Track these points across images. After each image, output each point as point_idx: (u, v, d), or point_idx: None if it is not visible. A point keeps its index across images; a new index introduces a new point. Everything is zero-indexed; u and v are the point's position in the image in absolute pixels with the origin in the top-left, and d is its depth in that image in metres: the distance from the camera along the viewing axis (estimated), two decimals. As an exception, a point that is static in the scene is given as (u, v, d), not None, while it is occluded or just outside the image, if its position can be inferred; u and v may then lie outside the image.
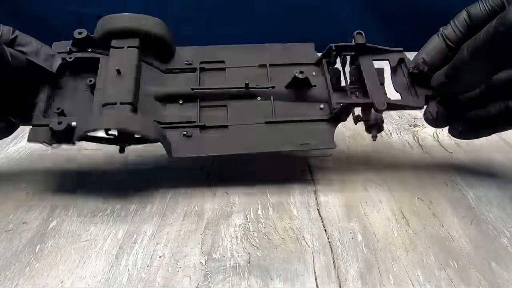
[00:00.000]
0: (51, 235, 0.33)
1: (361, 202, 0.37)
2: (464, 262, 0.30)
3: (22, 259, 0.30)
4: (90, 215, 0.35)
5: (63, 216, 0.35)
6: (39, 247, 0.31)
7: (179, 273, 0.29)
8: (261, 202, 0.37)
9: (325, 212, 0.35)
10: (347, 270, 0.29)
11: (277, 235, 0.33)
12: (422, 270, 0.29)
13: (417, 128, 0.52)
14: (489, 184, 0.40)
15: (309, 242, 0.32)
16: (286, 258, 0.31)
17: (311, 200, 0.37)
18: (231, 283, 0.28)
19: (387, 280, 0.28)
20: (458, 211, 0.36)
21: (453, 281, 0.28)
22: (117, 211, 0.36)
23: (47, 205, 0.36)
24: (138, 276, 0.29)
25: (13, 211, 0.36)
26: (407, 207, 0.36)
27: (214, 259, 0.30)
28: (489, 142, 0.48)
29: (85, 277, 0.29)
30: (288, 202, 0.37)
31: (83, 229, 0.33)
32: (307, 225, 0.34)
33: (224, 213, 0.35)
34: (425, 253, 0.31)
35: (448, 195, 0.38)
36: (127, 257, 0.31)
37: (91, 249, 0.31)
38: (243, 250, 0.31)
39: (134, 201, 0.37)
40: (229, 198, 0.37)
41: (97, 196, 0.37)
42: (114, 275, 0.29)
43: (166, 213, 0.35)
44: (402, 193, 0.38)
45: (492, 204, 0.37)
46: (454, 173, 0.41)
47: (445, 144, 0.48)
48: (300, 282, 0.28)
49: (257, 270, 0.29)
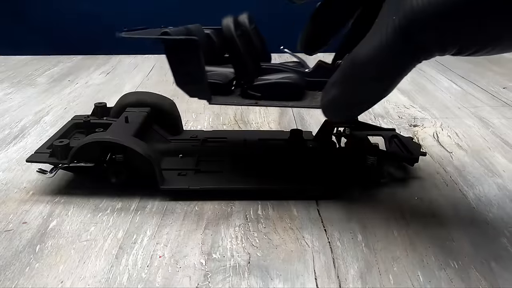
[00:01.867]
0: (51, 235, 0.33)
1: (361, 202, 0.37)
2: (464, 262, 0.30)
3: (22, 259, 0.30)
4: (90, 215, 0.35)
5: (63, 216, 0.35)
6: (39, 247, 0.31)
7: (179, 273, 0.29)
8: (261, 202, 0.37)
9: (325, 212, 0.35)
10: (347, 270, 0.29)
11: (277, 235, 0.33)
12: (422, 270, 0.29)
13: (417, 128, 0.52)
14: (489, 184, 0.40)
15: (309, 242, 0.32)
16: (286, 258, 0.30)
17: (311, 200, 0.37)
18: (231, 283, 0.28)
19: (387, 280, 0.28)
20: (458, 211, 0.36)
21: (453, 281, 0.28)
22: (117, 211, 0.36)
23: (47, 205, 0.36)
24: (138, 276, 0.29)
25: (13, 211, 0.36)
26: (407, 207, 0.36)
27: (214, 259, 0.30)
28: (489, 142, 0.49)
29: (85, 277, 0.29)
30: (288, 202, 0.37)
31: (83, 229, 0.33)
32: (307, 225, 0.34)
33: (224, 213, 0.35)
34: (425, 253, 0.31)
35: (448, 195, 0.38)
36: (127, 257, 0.31)
37: (91, 249, 0.31)
38: (243, 250, 0.31)
39: (134, 201, 0.37)
40: (229, 197, 0.37)
41: (97, 196, 0.37)
42: (114, 275, 0.29)
43: (166, 213, 0.35)
44: (402, 193, 0.38)
45: (492, 204, 0.37)
46: (454, 173, 0.41)
47: (445, 144, 0.48)
48: (300, 282, 0.28)
49: (257, 270, 0.29)
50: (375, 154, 0.37)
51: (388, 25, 0.24)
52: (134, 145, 0.35)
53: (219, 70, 0.37)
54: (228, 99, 0.35)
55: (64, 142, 0.37)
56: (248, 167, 0.40)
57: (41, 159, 0.37)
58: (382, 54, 0.24)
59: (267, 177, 0.38)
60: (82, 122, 0.42)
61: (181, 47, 0.32)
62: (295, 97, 0.34)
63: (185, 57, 0.32)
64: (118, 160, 0.37)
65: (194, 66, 0.32)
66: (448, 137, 0.50)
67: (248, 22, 0.36)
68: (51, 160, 0.37)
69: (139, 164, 0.36)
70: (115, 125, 0.40)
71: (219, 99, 0.35)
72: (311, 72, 0.37)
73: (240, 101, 0.35)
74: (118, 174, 0.37)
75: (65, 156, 0.36)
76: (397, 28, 0.23)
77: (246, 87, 0.35)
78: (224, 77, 0.36)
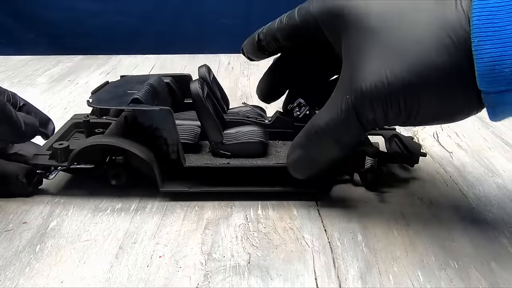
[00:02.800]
0: (51, 235, 0.33)
1: (361, 202, 0.37)
2: (464, 262, 0.30)
3: (22, 259, 0.30)
4: (90, 215, 0.35)
5: (63, 216, 0.35)
6: (39, 247, 0.31)
7: (179, 273, 0.29)
8: (261, 202, 0.37)
9: (325, 212, 0.35)
10: (347, 270, 0.29)
11: (277, 235, 0.33)
12: (422, 270, 0.29)
13: (417, 128, 0.52)
14: (489, 184, 0.40)
15: (309, 242, 0.32)
16: (286, 258, 0.30)
17: (311, 200, 0.37)
18: (231, 283, 0.28)
19: (387, 280, 0.28)
20: (458, 211, 0.36)
21: (453, 281, 0.28)
22: (117, 211, 0.36)
23: (47, 205, 0.36)
24: (138, 276, 0.29)
25: (13, 211, 0.36)
26: (407, 207, 0.36)
27: (214, 259, 0.30)
28: (489, 142, 0.49)
29: (85, 277, 0.29)
30: (288, 202, 0.37)
31: (83, 229, 0.33)
32: (307, 225, 0.34)
33: (224, 213, 0.35)
34: (425, 253, 0.31)
35: (448, 195, 0.38)
36: (127, 257, 0.31)
37: (91, 249, 0.31)
38: (243, 250, 0.31)
39: (134, 201, 0.37)
40: (229, 198, 0.37)
41: (97, 196, 0.37)
42: (114, 275, 0.29)
43: (166, 213, 0.35)
44: (402, 193, 0.38)
45: (492, 204, 0.37)
46: (454, 173, 0.41)
47: (445, 144, 0.48)
48: (300, 282, 0.28)
49: (257, 270, 0.29)
50: (375, 156, 0.37)
51: (342, 101, 0.29)
52: (134, 148, 0.35)
53: (184, 125, 0.40)
54: (200, 159, 0.37)
55: (64, 144, 0.37)
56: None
57: (41, 161, 0.37)
58: (338, 125, 0.30)
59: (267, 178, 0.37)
60: (82, 122, 0.42)
61: (155, 116, 0.35)
62: (262, 154, 0.38)
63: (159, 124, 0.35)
64: (118, 162, 0.37)
65: (168, 132, 0.35)
66: (448, 137, 0.50)
67: (207, 74, 0.39)
68: (51, 162, 0.37)
69: (139, 166, 0.36)
70: (114, 126, 0.40)
71: (191, 159, 0.37)
72: (271, 123, 0.40)
73: (213, 162, 0.37)
74: (118, 176, 0.37)
75: (65, 158, 0.36)
76: (350, 105, 0.29)
77: (217, 147, 0.37)
78: (193, 135, 0.39)
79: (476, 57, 0.25)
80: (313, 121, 0.32)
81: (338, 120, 0.30)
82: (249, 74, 0.70)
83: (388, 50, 0.27)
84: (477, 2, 0.25)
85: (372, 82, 0.27)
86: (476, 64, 0.25)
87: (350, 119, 0.29)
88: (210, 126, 0.37)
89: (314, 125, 0.32)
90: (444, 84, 0.27)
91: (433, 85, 0.27)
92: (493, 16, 0.24)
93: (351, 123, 0.29)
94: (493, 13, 0.24)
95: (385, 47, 0.28)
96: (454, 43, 0.26)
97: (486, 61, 0.24)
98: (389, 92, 0.27)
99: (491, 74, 0.25)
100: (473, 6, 0.25)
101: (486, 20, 0.24)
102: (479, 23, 0.24)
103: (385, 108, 0.28)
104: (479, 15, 0.24)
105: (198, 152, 0.39)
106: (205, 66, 0.40)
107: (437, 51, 0.26)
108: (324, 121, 0.31)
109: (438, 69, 0.26)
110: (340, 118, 0.30)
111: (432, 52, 0.26)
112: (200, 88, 0.36)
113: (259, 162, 0.37)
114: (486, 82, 0.25)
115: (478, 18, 0.24)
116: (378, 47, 0.28)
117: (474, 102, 0.27)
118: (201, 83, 0.37)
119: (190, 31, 0.99)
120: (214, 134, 0.37)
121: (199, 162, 0.37)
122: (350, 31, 0.29)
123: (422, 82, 0.27)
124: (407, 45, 0.27)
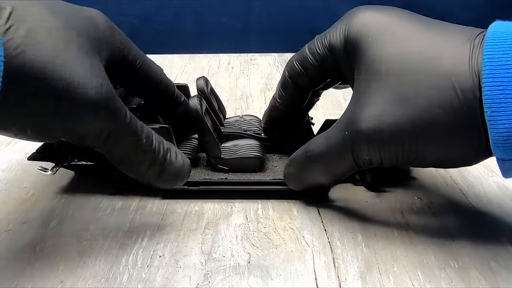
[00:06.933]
0: (51, 235, 0.33)
1: (361, 202, 0.37)
2: (464, 262, 0.30)
3: (22, 259, 0.30)
4: (90, 215, 0.35)
5: (63, 216, 0.35)
6: (39, 247, 0.31)
7: (179, 273, 0.29)
8: (261, 202, 0.37)
9: (325, 212, 0.35)
10: (347, 270, 0.29)
11: (277, 235, 0.33)
12: (422, 270, 0.29)
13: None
14: (489, 183, 0.40)
15: (309, 242, 0.32)
16: (286, 258, 0.31)
17: (311, 200, 0.37)
18: (231, 283, 0.28)
19: (387, 280, 0.28)
20: (458, 211, 0.36)
21: (453, 281, 0.28)
22: (117, 211, 0.36)
23: (47, 205, 0.36)
24: (138, 276, 0.29)
25: (13, 211, 0.36)
26: (407, 207, 0.36)
27: (214, 259, 0.30)
28: (489, 142, 0.48)
29: (85, 277, 0.29)
30: (288, 202, 0.37)
31: (83, 229, 0.33)
32: (307, 225, 0.34)
33: (224, 213, 0.35)
34: (425, 253, 0.31)
35: (448, 195, 0.38)
36: (127, 257, 0.31)
37: (91, 249, 0.31)
38: (243, 250, 0.31)
39: (134, 201, 0.37)
40: (229, 198, 0.37)
41: (97, 195, 0.37)
42: (114, 275, 0.29)
43: (166, 213, 0.35)
44: (402, 193, 0.38)
45: (492, 204, 0.37)
46: (454, 173, 0.41)
47: (445, 144, 0.48)
48: (300, 282, 0.28)
49: (257, 270, 0.29)
50: None
51: (341, 136, 0.30)
52: None
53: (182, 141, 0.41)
54: (199, 174, 0.38)
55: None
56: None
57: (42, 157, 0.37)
58: (332, 157, 0.31)
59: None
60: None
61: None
62: (259, 169, 0.38)
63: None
64: None
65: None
66: (448, 137, 0.50)
67: (205, 86, 0.39)
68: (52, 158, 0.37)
69: None
70: None
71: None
72: (267, 137, 0.41)
73: (211, 176, 0.37)
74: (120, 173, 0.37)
75: (66, 154, 0.36)
76: (347, 142, 0.29)
77: (215, 162, 0.37)
78: (192, 149, 0.40)
79: (490, 128, 0.25)
80: (310, 144, 0.33)
81: (333, 152, 0.30)
82: (249, 74, 0.70)
83: (393, 97, 0.27)
84: (488, 72, 0.25)
85: (371, 126, 0.28)
86: (491, 134, 0.25)
87: (346, 155, 0.30)
88: (209, 142, 0.37)
89: (310, 150, 0.32)
90: (445, 140, 0.27)
91: (434, 140, 0.27)
92: (504, 87, 0.24)
93: (346, 158, 0.30)
94: (505, 84, 0.24)
95: (390, 93, 0.27)
96: (461, 103, 0.25)
97: (501, 131, 0.24)
98: (388, 139, 0.27)
99: (505, 143, 0.25)
100: (484, 76, 0.25)
101: (498, 91, 0.24)
102: (491, 94, 0.24)
103: (381, 153, 0.28)
104: (491, 86, 0.24)
105: (195, 166, 0.39)
106: (203, 78, 0.40)
107: (442, 109, 0.26)
108: (320, 149, 0.31)
109: (440, 126, 0.26)
110: (335, 151, 0.30)
111: (436, 109, 0.26)
112: (199, 104, 0.36)
113: (256, 178, 0.37)
114: (500, 151, 0.25)
115: (490, 89, 0.24)
116: (384, 92, 0.28)
117: (480, 156, 0.28)
118: (200, 99, 0.37)
119: (190, 31, 0.99)
120: (212, 150, 0.37)
121: (197, 177, 0.37)
122: (361, 69, 0.29)
123: (422, 136, 0.27)
124: (412, 95, 0.27)
